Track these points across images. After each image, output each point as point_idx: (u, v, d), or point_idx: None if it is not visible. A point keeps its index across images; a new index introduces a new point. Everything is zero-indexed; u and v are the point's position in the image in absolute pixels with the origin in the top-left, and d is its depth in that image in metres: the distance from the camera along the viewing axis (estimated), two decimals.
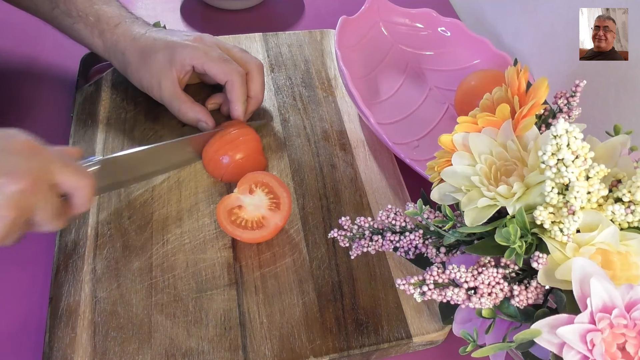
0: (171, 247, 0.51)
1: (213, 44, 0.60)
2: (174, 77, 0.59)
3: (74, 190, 0.45)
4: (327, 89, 0.68)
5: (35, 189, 0.41)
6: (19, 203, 0.40)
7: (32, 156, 0.42)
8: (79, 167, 0.46)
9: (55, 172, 0.43)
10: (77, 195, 0.45)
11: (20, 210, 0.40)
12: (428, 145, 0.63)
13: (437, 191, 0.39)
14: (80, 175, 0.45)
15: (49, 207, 0.43)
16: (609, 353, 0.29)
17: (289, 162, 0.59)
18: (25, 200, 0.40)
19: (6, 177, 0.39)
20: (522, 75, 0.39)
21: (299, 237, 0.53)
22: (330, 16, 0.81)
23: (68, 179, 0.44)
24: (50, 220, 0.44)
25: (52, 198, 0.43)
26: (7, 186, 0.39)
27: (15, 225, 0.41)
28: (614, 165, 0.35)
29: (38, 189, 0.41)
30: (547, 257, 0.32)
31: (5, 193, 0.39)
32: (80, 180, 0.45)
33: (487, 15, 0.82)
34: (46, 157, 0.43)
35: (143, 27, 0.61)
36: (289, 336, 0.46)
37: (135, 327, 0.46)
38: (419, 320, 0.48)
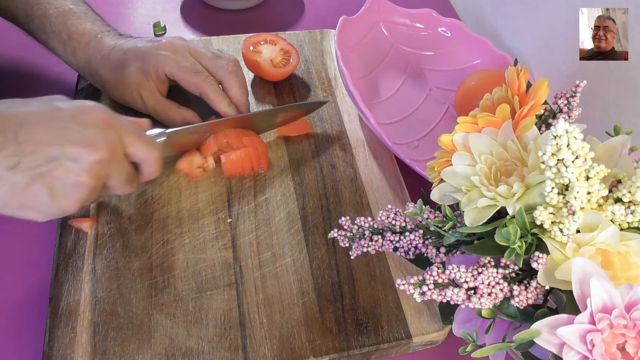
0: (171, 247, 0.51)
1: (184, 50, 0.59)
2: (152, 87, 0.58)
3: (144, 160, 0.49)
4: (327, 89, 0.68)
5: (111, 159, 0.45)
6: (97, 172, 0.44)
7: (109, 128, 0.45)
8: (150, 138, 0.49)
9: (128, 143, 0.47)
10: (147, 164, 0.49)
11: (98, 178, 0.44)
12: (428, 146, 0.63)
13: (437, 191, 0.39)
14: (151, 147, 0.49)
15: (123, 175, 0.47)
16: (608, 353, 0.29)
17: (289, 162, 0.59)
18: (103, 169, 0.44)
19: (86, 148, 0.43)
20: (522, 75, 0.39)
21: (299, 237, 0.53)
22: (330, 16, 0.82)
23: (139, 149, 0.48)
24: (123, 185, 0.48)
25: (125, 166, 0.47)
26: (87, 156, 0.43)
27: (93, 190, 0.45)
28: (614, 165, 0.35)
29: (113, 158, 0.45)
30: (547, 257, 0.32)
31: (86, 162, 0.43)
32: (151, 152, 0.49)
33: (487, 15, 0.82)
34: (121, 128, 0.46)
35: (114, 39, 0.60)
36: (288, 336, 0.46)
37: (135, 327, 0.46)
38: (419, 321, 0.48)
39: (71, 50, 0.60)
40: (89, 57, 0.59)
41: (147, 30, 0.79)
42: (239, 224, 0.53)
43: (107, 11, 0.81)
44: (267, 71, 0.66)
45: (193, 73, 0.57)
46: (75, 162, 0.43)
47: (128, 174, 0.48)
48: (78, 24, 0.60)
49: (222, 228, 0.53)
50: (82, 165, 0.43)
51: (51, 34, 0.60)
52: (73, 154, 0.42)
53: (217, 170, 0.58)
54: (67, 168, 0.42)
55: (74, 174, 0.43)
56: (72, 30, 0.59)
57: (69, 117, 0.44)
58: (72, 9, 0.61)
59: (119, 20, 0.81)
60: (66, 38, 0.59)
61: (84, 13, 0.61)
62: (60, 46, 0.60)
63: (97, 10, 0.64)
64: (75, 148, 0.42)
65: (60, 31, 0.59)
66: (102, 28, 0.61)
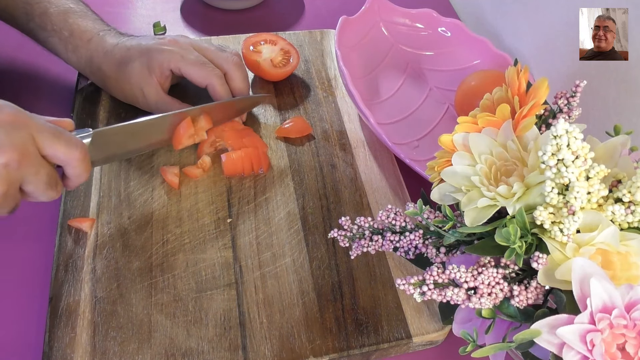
0: (171, 247, 0.51)
1: (188, 45, 0.59)
2: (155, 83, 0.58)
3: (66, 161, 0.45)
4: (327, 89, 0.68)
5: (23, 162, 0.41)
6: (5, 176, 0.40)
7: (17, 129, 0.41)
8: (71, 137, 0.45)
9: (44, 144, 0.43)
10: (70, 166, 0.45)
11: (8, 183, 0.41)
12: (428, 146, 0.63)
13: (437, 191, 0.39)
14: (71, 146, 0.44)
15: (40, 179, 0.43)
16: (608, 353, 0.29)
17: (289, 162, 0.59)
18: (12, 173, 0.41)
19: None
20: (522, 75, 0.39)
21: (299, 237, 0.53)
22: (330, 16, 0.82)
23: (58, 150, 0.43)
24: (43, 191, 0.44)
25: (43, 169, 0.43)
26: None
27: (5, 197, 0.41)
28: (614, 165, 0.35)
29: (26, 161, 0.41)
30: (547, 257, 0.32)
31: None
32: (72, 151, 0.44)
33: (487, 15, 0.82)
34: (33, 128, 0.42)
35: (115, 37, 0.60)
36: (288, 336, 0.46)
37: (135, 327, 0.46)
38: (418, 320, 0.48)
39: (72, 47, 0.59)
40: (91, 54, 0.59)
41: (147, 30, 0.79)
42: (239, 224, 0.53)
43: (107, 11, 0.81)
44: (267, 71, 0.66)
45: (199, 65, 0.58)
46: None
47: (48, 177, 0.44)
48: (80, 22, 0.60)
49: (222, 228, 0.53)
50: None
51: (52, 32, 0.60)
52: None
53: (217, 170, 0.58)
54: None
55: None
56: (74, 28, 0.59)
57: None
58: (73, 8, 0.61)
59: (119, 20, 0.80)
60: (67, 36, 0.59)
61: (84, 12, 0.62)
62: (61, 44, 0.60)
63: (97, 10, 0.64)
64: None
65: (62, 29, 0.59)
66: (102, 27, 0.61)
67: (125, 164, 0.58)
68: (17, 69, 0.70)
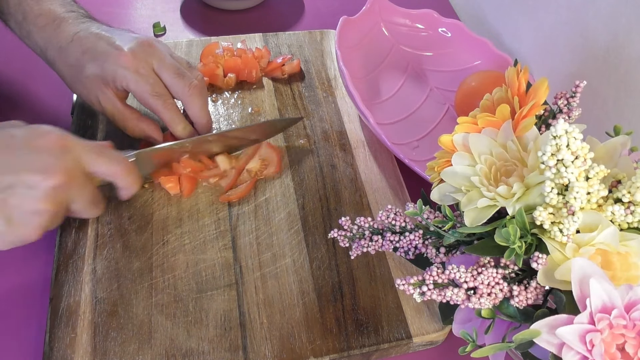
0: (171, 247, 0.51)
1: (148, 67, 0.53)
2: (110, 94, 0.54)
3: (111, 176, 0.48)
4: (327, 89, 0.68)
5: (70, 183, 0.44)
6: (55, 198, 0.43)
7: (64, 152, 0.44)
8: (112, 153, 0.48)
9: (88, 163, 0.46)
10: (117, 179, 0.49)
11: (57, 204, 0.44)
12: (428, 146, 0.63)
13: (437, 191, 0.39)
14: (113, 161, 0.48)
15: (85, 198, 0.47)
16: (608, 353, 0.29)
17: (289, 162, 0.59)
18: (61, 194, 0.44)
19: (41, 174, 0.42)
20: (522, 75, 0.39)
21: (299, 237, 0.53)
22: (330, 16, 0.82)
23: (101, 166, 0.47)
24: (87, 208, 0.48)
25: (87, 188, 0.47)
26: (42, 182, 0.42)
27: (55, 216, 0.44)
28: (614, 165, 0.35)
29: (72, 182, 0.44)
30: (546, 257, 0.32)
31: (42, 189, 0.43)
32: (115, 165, 0.48)
33: (487, 16, 0.82)
34: (78, 150, 0.46)
35: (74, 24, 0.55)
36: (289, 336, 0.46)
37: (136, 328, 0.46)
38: (419, 321, 0.48)
39: (26, 32, 0.56)
40: (45, 45, 0.55)
41: (147, 30, 0.79)
42: (239, 225, 0.53)
43: (107, 11, 0.82)
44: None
45: (151, 96, 0.53)
46: (31, 189, 0.42)
47: (92, 196, 0.48)
48: (34, 5, 0.55)
49: (222, 228, 0.53)
50: (39, 192, 0.42)
51: (8, 15, 0.57)
52: (28, 181, 0.42)
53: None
54: (23, 196, 0.42)
55: (30, 201, 0.42)
56: (27, 11, 0.55)
57: (23, 144, 0.44)
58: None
59: (119, 20, 0.81)
60: (21, 20, 0.55)
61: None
62: (17, 28, 0.57)
63: (97, 10, 0.64)
64: (30, 175, 0.42)
65: (16, 12, 0.56)
66: (61, 9, 0.56)
67: None
68: (18, 69, 0.70)
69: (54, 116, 0.65)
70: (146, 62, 0.53)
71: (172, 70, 0.54)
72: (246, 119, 0.64)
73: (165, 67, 0.54)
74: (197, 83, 0.55)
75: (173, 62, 0.55)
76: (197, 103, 0.55)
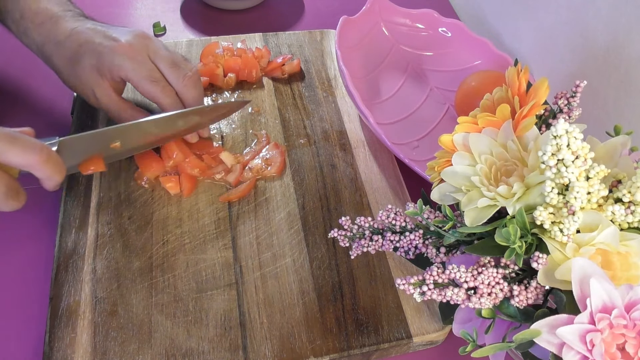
0: (171, 247, 0.51)
1: (144, 54, 0.54)
2: (107, 86, 0.54)
3: (29, 166, 0.44)
4: (327, 89, 0.68)
5: None
6: None
7: None
8: (27, 141, 0.43)
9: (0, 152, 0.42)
10: (35, 170, 0.44)
11: None
12: (428, 146, 0.63)
13: (437, 191, 0.39)
14: (28, 149, 0.43)
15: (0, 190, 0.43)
16: (608, 353, 0.29)
17: (289, 162, 0.59)
18: None
19: None
20: (523, 75, 0.39)
21: (299, 237, 0.53)
22: (330, 16, 0.82)
23: (14, 156, 0.42)
24: (3, 202, 0.43)
25: (1, 180, 0.42)
26: None
27: None
28: (614, 165, 0.35)
29: None
30: (547, 257, 0.32)
31: None
32: (30, 154, 0.43)
33: (487, 15, 0.82)
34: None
35: (71, 21, 0.55)
36: (289, 336, 0.46)
37: (136, 327, 0.46)
38: (419, 321, 0.48)
39: (24, 30, 0.56)
40: (43, 40, 0.55)
41: (147, 30, 0.79)
42: (239, 224, 0.53)
43: (107, 11, 0.82)
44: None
45: (149, 81, 0.53)
46: None
47: (7, 188, 0.43)
48: (32, 3, 0.55)
49: (222, 228, 0.53)
50: None
51: (5, 14, 0.56)
52: None
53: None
54: None
55: None
56: (25, 9, 0.55)
57: None
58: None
59: (119, 20, 0.81)
60: (18, 18, 0.55)
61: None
62: (14, 26, 0.57)
63: (97, 10, 0.64)
64: None
65: (14, 10, 0.56)
66: (58, 8, 0.56)
67: (125, 164, 0.58)
68: (18, 68, 0.70)
69: (54, 116, 0.65)
70: (142, 51, 0.54)
71: (168, 61, 0.55)
72: (246, 118, 0.64)
73: (160, 57, 0.55)
74: (192, 74, 0.56)
75: (168, 53, 0.56)
76: (192, 93, 0.55)
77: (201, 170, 0.56)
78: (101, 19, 0.58)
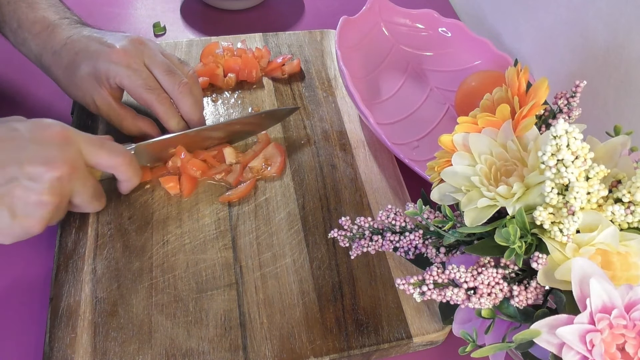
0: (171, 247, 0.51)
1: (139, 61, 0.54)
2: (105, 94, 0.54)
3: (112, 167, 0.49)
4: (327, 89, 0.68)
5: (73, 175, 0.45)
6: (58, 189, 0.44)
7: (66, 144, 0.45)
8: (113, 145, 0.49)
9: (89, 155, 0.47)
10: (117, 171, 0.50)
11: (61, 195, 0.44)
12: (428, 146, 0.63)
13: (437, 191, 0.39)
14: (113, 153, 0.48)
15: (87, 190, 0.47)
16: (608, 353, 0.29)
17: (289, 162, 0.59)
18: (64, 186, 0.44)
19: (45, 166, 0.43)
20: (522, 75, 0.39)
21: (299, 237, 0.53)
22: (330, 16, 0.82)
23: (102, 158, 0.48)
24: (89, 201, 0.48)
25: (90, 182, 0.47)
26: (46, 174, 0.43)
27: (58, 209, 0.45)
28: (614, 165, 0.35)
29: (75, 174, 0.45)
30: (546, 257, 0.32)
31: (46, 180, 0.43)
32: (115, 157, 0.48)
33: (487, 16, 0.82)
34: (80, 142, 0.46)
35: (67, 29, 0.55)
36: (289, 336, 0.46)
37: (136, 328, 0.46)
38: (419, 321, 0.48)
39: (21, 40, 0.56)
40: (40, 51, 0.55)
41: (147, 30, 0.79)
42: (239, 224, 0.53)
43: (107, 11, 0.82)
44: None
45: (144, 89, 0.53)
46: (34, 181, 0.43)
47: (94, 189, 0.48)
48: (28, 13, 0.56)
49: (222, 228, 0.53)
50: (42, 183, 0.43)
51: (2, 24, 0.57)
52: (32, 173, 0.42)
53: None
54: (27, 188, 0.42)
55: (34, 193, 0.43)
56: (22, 19, 0.56)
57: (25, 136, 0.44)
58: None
59: (119, 20, 0.81)
60: (16, 27, 0.56)
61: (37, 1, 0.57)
62: (11, 36, 0.57)
63: (97, 10, 0.64)
64: (34, 167, 0.43)
65: (11, 20, 0.56)
66: (55, 16, 0.56)
67: None
68: (18, 68, 0.70)
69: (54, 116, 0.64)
70: (138, 57, 0.54)
71: (163, 68, 0.55)
72: None
73: (156, 64, 0.55)
74: (187, 81, 0.55)
75: (164, 60, 0.56)
76: (188, 101, 0.55)
77: (202, 171, 0.56)
78: (101, 19, 0.59)
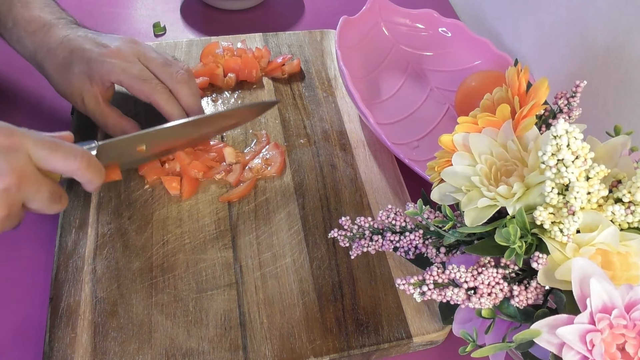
0: (171, 247, 0.51)
1: (133, 57, 0.55)
2: (95, 92, 0.55)
3: (71, 171, 0.45)
4: (327, 89, 0.68)
5: (22, 184, 0.41)
6: (5, 201, 0.40)
7: (12, 152, 0.41)
8: (68, 147, 0.44)
9: (42, 161, 0.42)
10: (77, 175, 0.45)
11: (9, 206, 0.41)
12: (428, 146, 0.63)
13: (437, 191, 0.39)
14: (69, 156, 0.44)
15: (43, 195, 0.43)
16: (608, 353, 0.29)
17: (289, 162, 0.59)
18: (13, 196, 0.41)
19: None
20: (523, 75, 0.39)
21: (299, 237, 0.53)
22: (330, 16, 0.82)
23: (57, 162, 0.43)
24: (47, 206, 0.44)
25: (44, 186, 0.43)
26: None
27: (8, 218, 0.41)
28: (614, 165, 0.35)
29: (25, 182, 0.41)
30: (547, 257, 0.32)
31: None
32: (72, 161, 0.44)
33: (487, 16, 0.82)
34: (29, 146, 0.42)
35: (63, 29, 0.56)
36: (289, 336, 0.46)
37: (136, 328, 0.46)
38: (419, 321, 0.48)
39: (17, 38, 0.57)
40: (35, 48, 0.56)
41: (147, 30, 0.79)
42: (239, 224, 0.53)
43: (107, 11, 0.82)
44: None
45: (141, 80, 0.54)
46: None
47: (50, 193, 0.44)
48: (24, 12, 0.57)
49: (222, 228, 0.53)
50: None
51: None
52: None
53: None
54: None
55: None
56: (18, 18, 0.56)
57: None
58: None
59: (119, 20, 0.81)
60: (11, 26, 0.57)
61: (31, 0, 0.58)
62: (6, 34, 0.58)
63: (97, 10, 0.64)
64: None
65: (6, 19, 0.57)
66: (51, 16, 0.57)
67: None
68: (18, 68, 0.70)
69: (54, 116, 0.65)
70: (132, 54, 0.55)
71: (158, 61, 0.56)
72: None
73: (150, 59, 0.56)
74: (184, 72, 0.56)
75: (158, 55, 0.57)
76: (186, 90, 0.56)
77: (203, 172, 0.57)
78: (101, 19, 0.59)
